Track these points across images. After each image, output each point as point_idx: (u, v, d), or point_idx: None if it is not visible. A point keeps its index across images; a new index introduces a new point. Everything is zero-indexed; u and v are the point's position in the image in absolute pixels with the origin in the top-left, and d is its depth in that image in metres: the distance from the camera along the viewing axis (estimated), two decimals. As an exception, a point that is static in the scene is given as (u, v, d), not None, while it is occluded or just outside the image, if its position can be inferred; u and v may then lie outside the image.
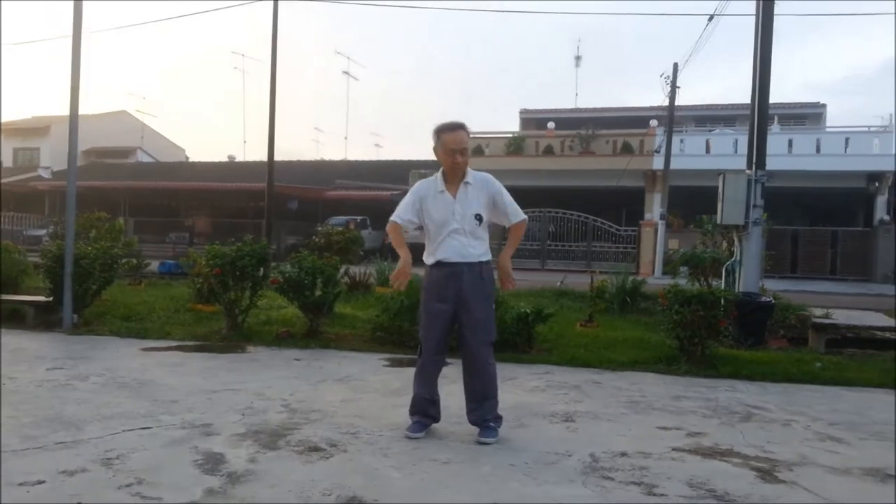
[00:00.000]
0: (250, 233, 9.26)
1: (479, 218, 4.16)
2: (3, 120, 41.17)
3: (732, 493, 3.35)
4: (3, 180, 34.08)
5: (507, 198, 4.25)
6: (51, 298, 8.39)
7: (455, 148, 4.10)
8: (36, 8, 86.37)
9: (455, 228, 4.12)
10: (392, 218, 4.26)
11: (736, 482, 3.50)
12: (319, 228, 13.99)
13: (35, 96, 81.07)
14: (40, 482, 3.25)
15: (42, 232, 25.53)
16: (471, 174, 4.20)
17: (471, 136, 4.38)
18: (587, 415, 4.81)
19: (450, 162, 4.13)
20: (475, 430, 4.14)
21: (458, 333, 4.20)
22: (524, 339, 7.17)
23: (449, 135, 4.13)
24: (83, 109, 8.60)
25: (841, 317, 8.75)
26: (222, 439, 3.98)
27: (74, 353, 6.62)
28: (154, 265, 13.97)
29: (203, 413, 4.55)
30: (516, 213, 4.27)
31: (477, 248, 4.17)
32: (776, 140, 20.80)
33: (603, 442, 4.12)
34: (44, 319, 8.29)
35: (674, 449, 4.03)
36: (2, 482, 3.23)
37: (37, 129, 38.50)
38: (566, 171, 26.05)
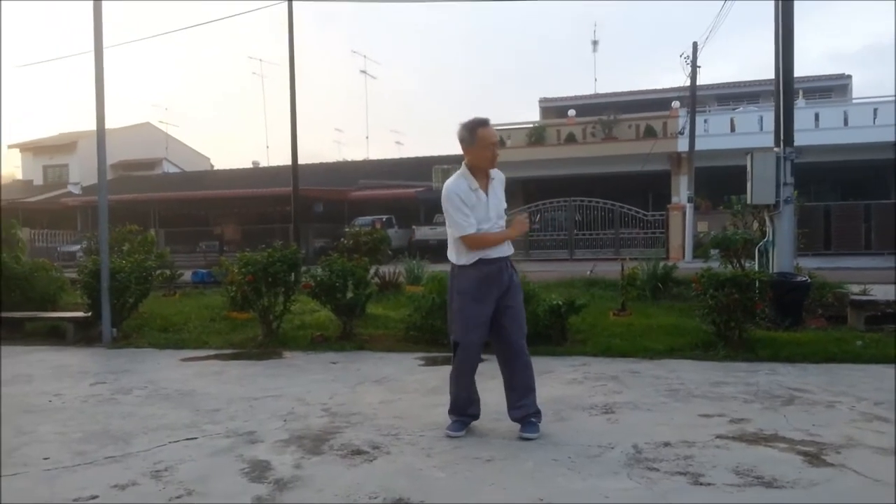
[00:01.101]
0: (278, 237, 9.37)
1: (506, 212, 4.23)
2: (32, 138, 42.00)
3: (780, 478, 3.32)
4: (34, 198, 34.82)
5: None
6: (90, 313, 8.55)
7: (493, 141, 4.15)
8: (56, 26, 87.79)
9: (492, 225, 4.12)
10: (468, 232, 4.04)
11: (783, 467, 3.47)
12: (347, 230, 14.06)
13: (60, 113, 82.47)
14: (93, 497, 3.32)
15: (76, 247, 26.01)
16: (492, 170, 4.23)
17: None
18: (627, 405, 4.79)
19: (489, 156, 4.14)
20: (514, 426, 4.15)
21: (498, 328, 4.17)
22: (557, 331, 7.15)
23: (486, 130, 4.14)
24: (108, 123, 8.73)
25: (879, 292, 8.60)
26: (266, 446, 4.04)
27: (116, 367, 6.74)
28: (187, 275, 14.16)
29: (246, 421, 4.61)
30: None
31: (509, 243, 4.22)
32: (802, 115, 20.43)
33: (645, 432, 4.10)
34: (84, 335, 8.45)
35: (718, 436, 4.00)
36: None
37: (64, 145, 39.19)
38: (589, 158, 25.88)
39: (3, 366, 6.88)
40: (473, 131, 4.13)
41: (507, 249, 4.18)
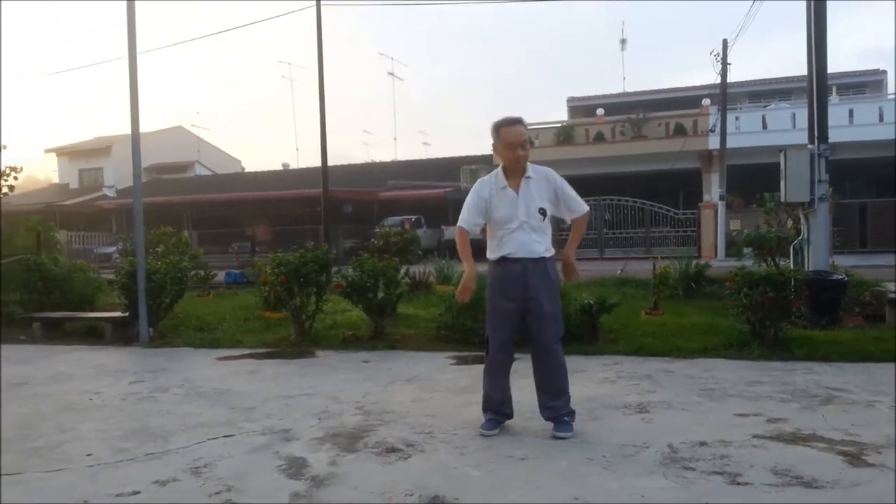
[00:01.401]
0: (308, 238, 9.48)
1: (542, 212, 4.14)
2: (68, 143, 42.85)
3: (820, 478, 3.28)
4: (71, 201, 35.53)
5: (570, 191, 4.26)
6: (127, 314, 8.71)
7: (516, 141, 4.11)
8: (88, 32, 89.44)
9: (520, 224, 4.10)
10: (459, 224, 4.23)
11: (822, 467, 3.42)
12: (377, 230, 14.14)
13: (95, 118, 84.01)
14: (135, 493, 3.39)
15: (111, 249, 26.50)
16: (531, 168, 4.19)
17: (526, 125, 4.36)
18: (661, 405, 4.76)
19: (512, 156, 4.13)
20: (548, 425, 4.14)
21: (526, 329, 4.19)
22: (589, 330, 7.12)
23: (509, 129, 4.13)
24: (141, 127, 8.88)
25: (919, 290, 8.42)
26: (302, 444, 4.08)
27: (153, 366, 6.86)
28: (220, 276, 14.34)
29: (281, 419, 4.67)
30: (579, 206, 4.26)
31: (541, 244, 4.15)
32: (836, 111, 20.03)
33: (680, 432, 4.07)
34: (121, 334, 8.61)
35: (754, 436, 3.96)
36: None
37: (99, 149, 39.93)
38: (618, 157, 25.71)
39: (43, 365, 7.05)
40: (497, 130, 4.17)
41: (533, 250, 4.11)
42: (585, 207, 4.29)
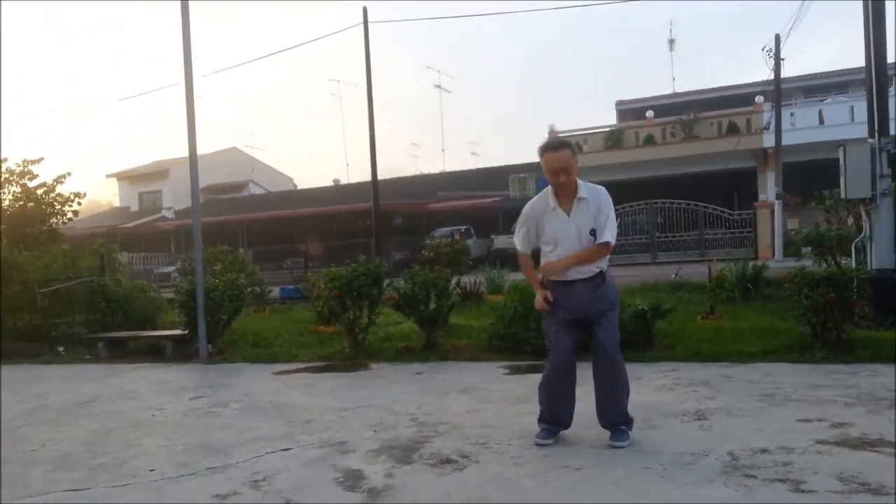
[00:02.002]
0: (360, 252, 9.57)
1: (594, 233, 4.05)
2: (128, 167, 44.30)
3: (888, 485, 3.17)
4: (132, 224, 36.67)
5: (609, 220, 4.08)
6: (186, 331, 8.95)
7: (556, 168, 4.01)
8: (145, 59, 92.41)
9: (568, 246, 4.05)
10: (517, 248, 4.32)
11: (890, 473, 3.30)
12: (427, 242, 14.22)
13: (152, 142, 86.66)
14: (198, 506, 3.47)
15: (171, 269, 27.23)
16: (584, 188, 4.08)
17: (566, 133, 4.30)
18: (720, 411, 4.66)
19: (553, 181, 4.08)
20: (604, 433, 4.10)
21: (589, 337, 4.15)
22: (644, 336, 7.03)
23: (549, 155, 4.05)
24: (198, 150, 9.14)
25: None
26: (358, 456, 4.13)
27: (213, 382, 7.03)
28: (275, 292, 14.60)
29: (337, 431, 4.73)
30: (604, 235, 4.03)
31: (594, 265, 4.09)
32: (897, 103, 19.41)
33: (740, 438, 3.98)
34: (181, 351, 8.84)
35: (818, 442, 3.85)
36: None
37: (157, 173, 41.14)
38: (669, 159, 25.29)
39: (109, 383, 7.29)
40: (541, 155, 4.12)
41: (586, 271, 4.05)
42: (609, 240, 4.05)
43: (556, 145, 4.13)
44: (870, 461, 3.50)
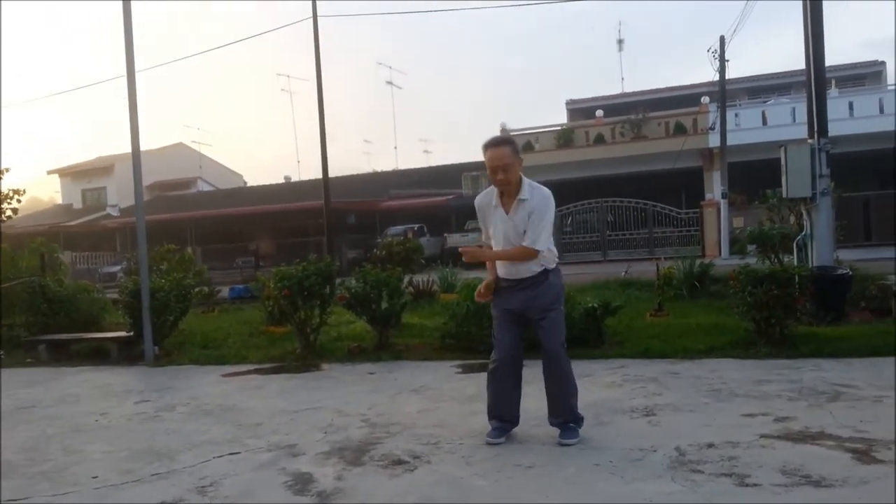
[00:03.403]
0: (312, 250, 9.48)
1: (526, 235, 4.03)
2: (70, 164, 43.04)
3: (829, 477, 3.26)
4: (74, 222, 35.65)
5: (541, 224, 3.97)
6: (132, 333, 8.71)
7: (495, 165, 3.97)
8: (88, 52, 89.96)
9: (505, 246, 4.08)
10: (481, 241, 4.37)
11: (832, 466, 3.40)
12: (380, 241, 14.15)
13: (97, 138, 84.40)
14: (142, 514, 3.38)
15: (116, 268, 26.53)
16: (528, 189, 4.02)
17: (517, 132, 4.32)
18: (668, 407, 4.74)
19: (492, 179, 4.07)
20: (556, 431, 4.13)
21: (534, 336, 4.17)
22: (594, 334, 7.10)
23: (489, 152, 4.01)
24: (143, 145, 8.90)
25: (925, 282, 8.39)
26: (308, 459, 4.07)
27: (159, 385, 6.86)
28: (224, 291, 14.35)
29: (287, 434, 4.66)
30: (532, 240, 3.96)
31: (534, 264, 4.05)
32: (836, 104, 20.06)
33: (688, 434, 4.05)
34: (126, 354, 8.61)
35: (762, 436, 3.94)
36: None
37: (102, 169, 40.07)
38: (619, 158, 25.70)
39: (50, 387, 7.05)
40: (483, 152, 4.09)
41: (527, 270, 4.03)
42: (536, 247, 3.96)
43: (496, 142, 4.07)
44: (811, 454, 3.60)
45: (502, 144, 4.06)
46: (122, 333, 8.95)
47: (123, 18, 8.55)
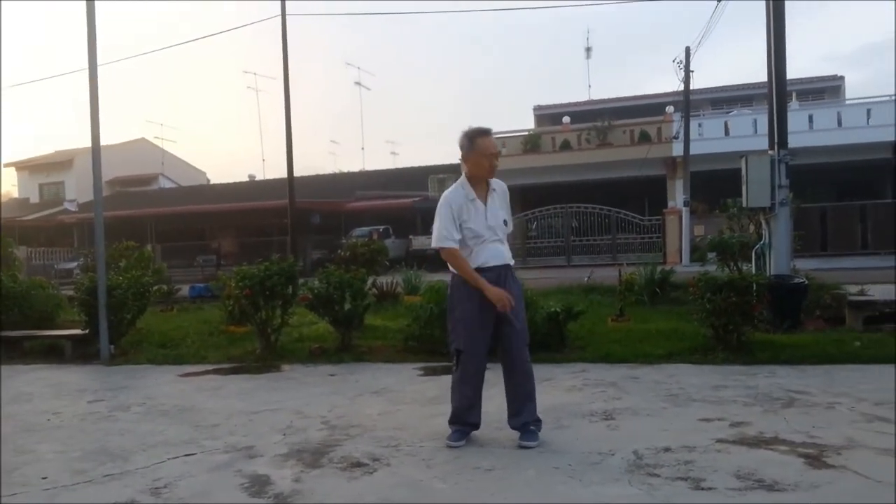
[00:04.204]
0: (275, 250, 9.40)
1: (506, 223, 4.21)
2: (28, 157, 42.03)
3: (782, 481, 3.31)
4: (31, 216, 34.81)
5: (509, 208, 4.34)
6: (87, 331, 8.52)
7: (493, 152, 4.15)
8: (50, 43, 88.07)
9: (489, 237, 4.11)
10: (446, 245, 4.03)
11: (784, 470, 3.46)
12: (344, 241, 14.06)
13: (56, 130, 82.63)
14: (93, 516, 3.30)
15: (73, 265, 25.93)
16: (493, 180, 4.23)
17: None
18: (627, 411, 4.78)
19: (487, 166, 4.13)
20: (515, 434, 4.13)
21: (498, 337, 4.15)
22: (556, 338, 7.14)
23: (485, 139, 4.15)
24: (104, 140, 8.73)
25: (877, 292, 8.62)
26: (266, 461, 4.02)
27: (114, 384, 6.72)
28: (184, 290, 14.13)
29: (245, 435, 4.60)
30: (510, 225, 4.32)
31: (508, 252, 4.22)
32: (796, 117, 20.52)
33: (645, 438, 4.09)
34: (81, 352, 8.42)
35: (718, 440, 3.99)
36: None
37: (60, 163, 39.22)
38: (585, 164, 25.95)
39: (3, 386, 6.86)
40: (473, 140, 4.13)
41: (506, 258, 4.17)
42: (511, 229, 4.34)
43: (487, 130, 4.19)
44: (765, 459, 3.66)
45: (491, 133, 4.23)
46: (78, 331, 8.76)
47: (87, 9, 8.38)
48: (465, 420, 4.22)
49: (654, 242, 23.18)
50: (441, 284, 6.75)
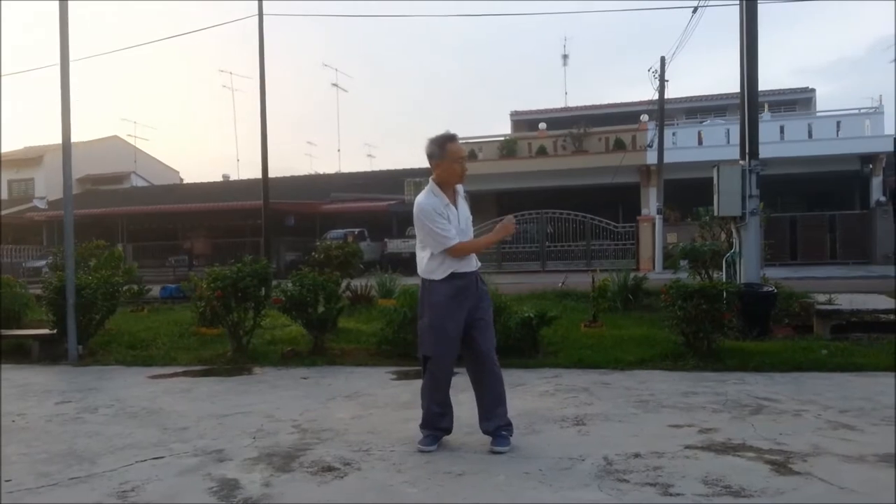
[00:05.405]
0: (249, 251, 9.32)
1: (470, 226, 4.29)
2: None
3: (748, 487, 3.36)
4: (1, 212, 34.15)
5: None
6: (55, 331, 8.39)
7: (463, 156, 4.23)
8: (23, 38, 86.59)
9: (462, 240, 4.14)
10: (452, 244, 4.06)
11: (751, 476, 3.51)
12: (318, 244, 13.97)
13: (26, 126, 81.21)
14: (57, 519, 3.24)
15: (41, 263, 25.49)
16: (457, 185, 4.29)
17: (462, 141, 4.43)
18: (598, 417, 4.81)
19: (459, 170, 4.19)
20: (487, 439, 4.14)
21: (468, 342, 4.15)
22: (529, 343, 7.17)
23: (455, 144, 4.20)
24: (75, 137, 8.62)
25: (844, 301, 8.76)
26: (235, 464, 3.98)
27: (82, 385, 6.62)
28: (155, 290, 13.97)
29: (215, 439, 4.55)
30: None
31: (475, 257, 4.26)
32: (768, 128, 20.83)
33: (615, 444, 4.13)
34: (49, 352, 8.28)
35: (687, 447, 4.04)
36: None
37: (30, 159, 38.51)
38: (560, 170, 26.07)
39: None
40: (443, 146, 4.15)
41: (475, 264, 4.22)
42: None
43: (453, 136, 4.24)
44: (733, 465, 3.70)
45: (458, 139, 4.30)
46: (45, 331, 8.61)
47: (59, 4, 8.27)
48: (436, 425, 4.22)
49: (627, 249, 23.35)
50: (415, 288, 6.74)
